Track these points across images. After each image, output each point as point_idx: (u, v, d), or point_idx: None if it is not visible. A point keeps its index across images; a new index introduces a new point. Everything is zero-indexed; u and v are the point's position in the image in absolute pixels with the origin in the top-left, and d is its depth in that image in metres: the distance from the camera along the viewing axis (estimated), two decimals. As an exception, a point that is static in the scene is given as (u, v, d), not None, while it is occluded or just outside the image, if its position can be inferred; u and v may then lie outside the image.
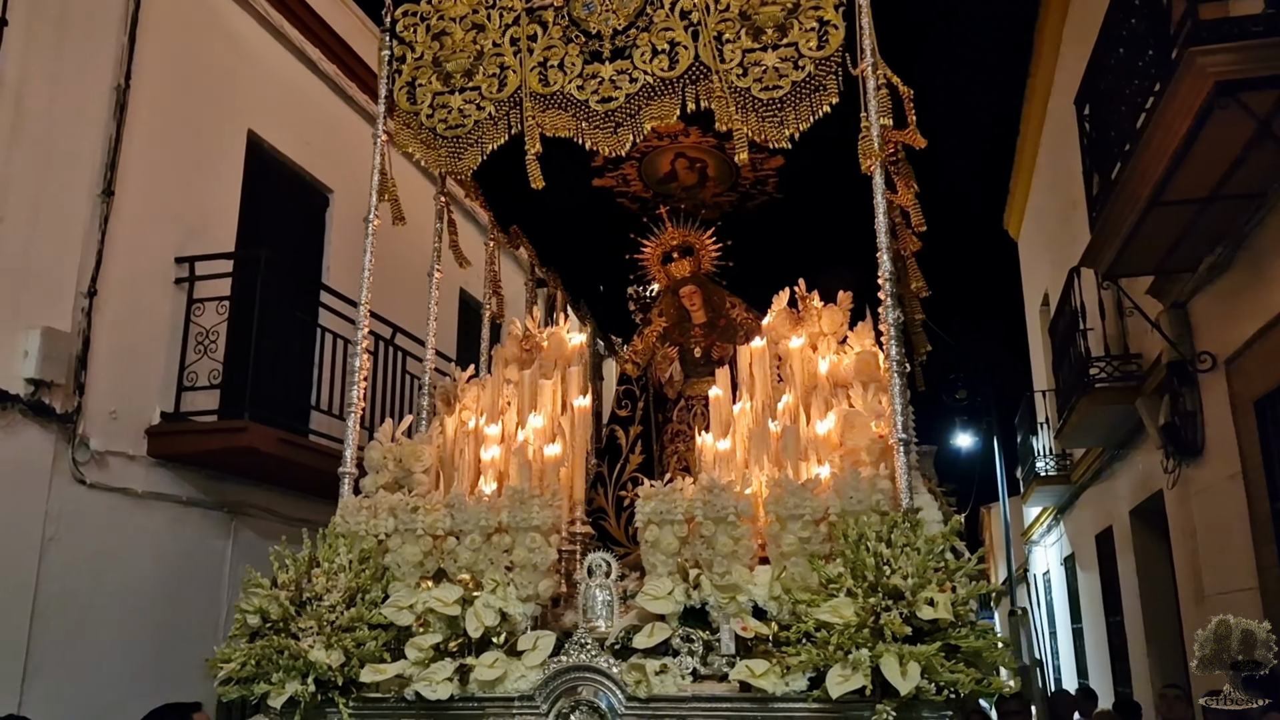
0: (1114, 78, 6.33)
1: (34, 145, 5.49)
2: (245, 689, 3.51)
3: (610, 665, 3.42)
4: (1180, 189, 5.53)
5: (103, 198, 5.88)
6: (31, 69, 5.46)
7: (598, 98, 4.13)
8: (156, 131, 6.34)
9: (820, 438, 4.04)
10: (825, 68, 3.97)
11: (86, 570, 5.64)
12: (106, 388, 5.84)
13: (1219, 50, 4.68)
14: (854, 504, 3.51)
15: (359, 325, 4.32)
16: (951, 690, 3.09)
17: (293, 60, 7.72)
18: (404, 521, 3.80)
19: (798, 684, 3.25)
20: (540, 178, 4.11)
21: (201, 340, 6.32)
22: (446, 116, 4.32)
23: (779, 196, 5.33)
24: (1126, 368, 8.41)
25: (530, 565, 3.70)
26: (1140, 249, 6.39)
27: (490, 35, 4.32)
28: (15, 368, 5.30)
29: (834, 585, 3.34)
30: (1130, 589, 9.80)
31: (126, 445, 5.97)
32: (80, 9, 5.87)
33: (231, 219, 6.94)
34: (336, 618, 3.56)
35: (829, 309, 4.68)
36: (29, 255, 5.44)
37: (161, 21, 6.42)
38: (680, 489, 3.72)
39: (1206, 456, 6.94)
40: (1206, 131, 4.95)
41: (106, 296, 5.86)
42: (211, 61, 6.88)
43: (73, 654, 5.52)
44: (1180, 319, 7.07)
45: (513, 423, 4.42)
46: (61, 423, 5.53)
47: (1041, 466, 12.69)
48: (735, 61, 4.03)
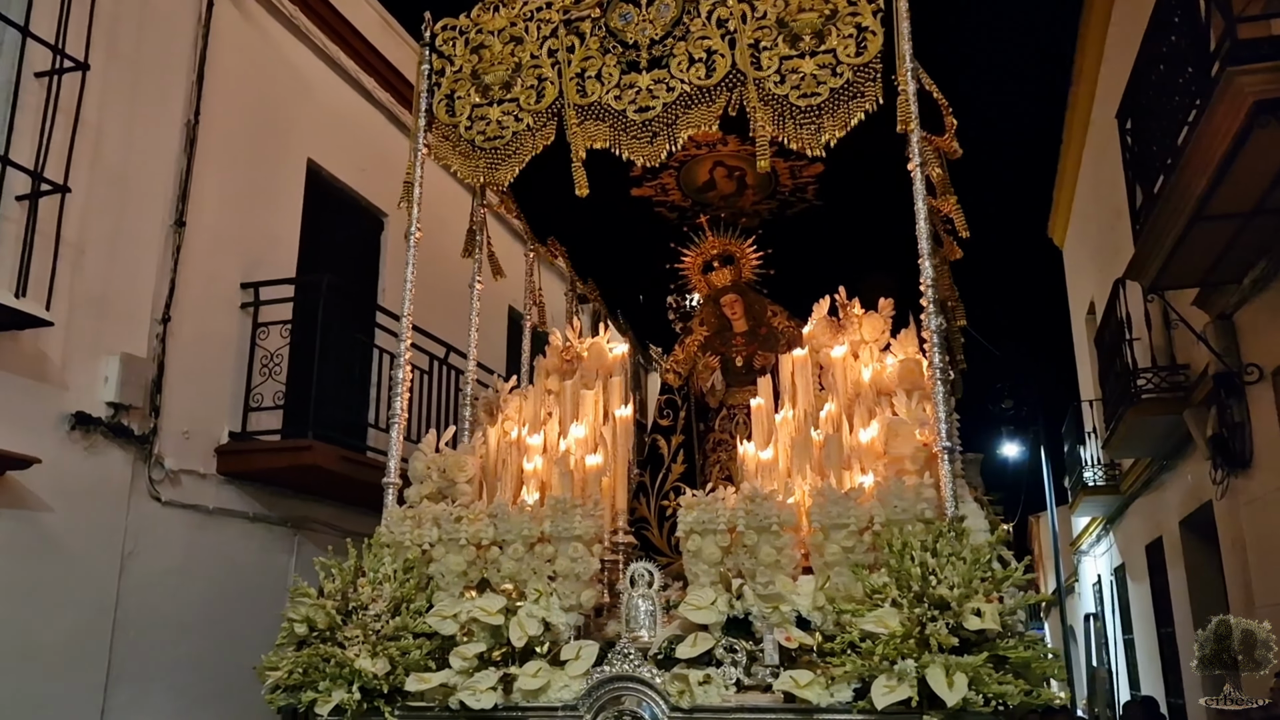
0: (1155, 93, 6.37)
1: (112, 181, 5.70)
2: (292, 696, 3.53)
3: (653, 675, 3.40)
4: (1222, 204, 5.50)
5: (175, 228, 6.09)
6: (109, 109, 5.67)
7: (635, 107, 4.11)
8: (223, 163, 6.53)
9: (863, 446, 3.98)
10: (864, 74, 3.91)
11: (162, 584, 5.80)
12: (179, 409, 6.02)
13: (1257, 70, 4.69)
14: (898, 513, 3.45)
15: (402, 337, 4.38)
16: (1000, 702, 3.01)
17: (348, 90, 7.89)
18: (448, 531, 3.80)
19: (843, 695, 3.21)
20: (585, 185, 4.08)
21: (266, 362, 6.49)
22: (485, 128, 4.33)
23: (819, 204, 5.27)
24: (1174, 379, 8.33)
25: (573, 575, 3.68)
26: (1184, 262, 6.36)
27: (528, 47, 4.33)
28: (97, 392, 5.52)
29: (879, 595, 3.29)
30: (1181, 600, 9.64)
31: (197, 464, 6.14)
32: (153, 50, 6.08)
33: (293, 244, 7.10)
34: (382, 627, 3.58)
35: (870, 316, 4.61)
36: (108, 285, 5.66)
37: (228, 58, 6.63)
38: (722, 498, 3.68)
39: (1255, 467, 6.86)
40: (1246, 149, 4.93)
41: (179, 322, 6.05)
42: (273, 94, 7.07)
43: (150, 664, 5.66)
44: (1227, 330, 7.03)
45: (554, 433, 4.40)
46: (139, 443, 5.73)
47: (1089, 476, 12.56)
48: (772, 69, 3.98)
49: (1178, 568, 9.71)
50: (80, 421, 5.41)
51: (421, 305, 4.69)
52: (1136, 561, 12.07)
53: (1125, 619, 13.55)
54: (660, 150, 4.09)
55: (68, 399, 5.39)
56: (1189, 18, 5.52)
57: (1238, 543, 7.47)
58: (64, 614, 5.26)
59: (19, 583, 5.05)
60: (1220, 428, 7.20)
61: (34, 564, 5.15)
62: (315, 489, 6.80)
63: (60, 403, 5.36)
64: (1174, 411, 8.13)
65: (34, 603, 5.11)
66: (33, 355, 5.21)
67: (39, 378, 5.25)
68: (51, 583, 5.22)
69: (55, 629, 5.21)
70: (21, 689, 5.01)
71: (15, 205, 5.13)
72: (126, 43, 5.86)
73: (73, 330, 5.40)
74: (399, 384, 4.29)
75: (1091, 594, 16.39)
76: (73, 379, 5.43)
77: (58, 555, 5.28)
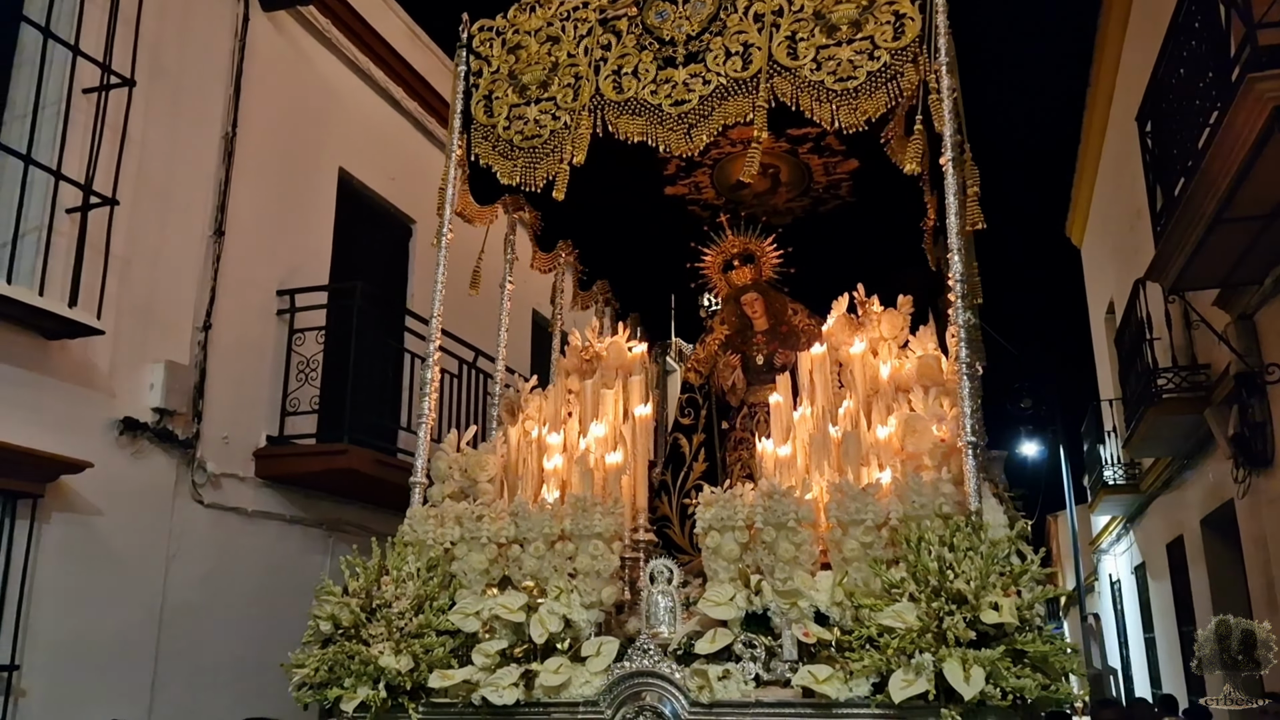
0: (1175, 97, 6.43)
1: (156, 193, 5.85)
2: (319, 694, 3.57)
3: (673, 671, 3.39)
4: (1242, 206, 5.48)
5: (214, 238, 6.24)
6: (152, 125, 5.82)
7: (671, 101, 4.10)
8: (259, 174, 6.67)
9: (881, 442, 3.95)
10: (902, 57, 3.87)
11: (203, 584, 5.93)
12: (219, 415, 6.16)
13: (1277, 76, 4.83)
14: (916, 508, 3.44)
15: (430, 339, 4.40)
16: (1018, 696, 2.99)
17: (378, 100, 8.00)
18: (469, 530, 3.82)
19: (861, 689, 3.19)
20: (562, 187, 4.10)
21: (302, 368, 6.61)
22: (523, 128, 4.34)
23: (852, 201, 5.22)
24: (1194, 378, 8.29)
25: (593, 572, 3.69)
26: (1205, 263, 6.33)
27: (565, 47, 4.34)
28: (143, 399, 5.68)
29: (896, 590, 3.28)
30: (1203, 599, 9.50)
31: (237, 468, 6.28)
32: (193, 67, 6.25)
33: (325, 252, 7.23)
34: (405, 624, 3.60)
35: (889, 313, 4.58)
36: (152, 294, 5.80)
37: (263, 72, 6.78)
38: (740, 495, 3.67)
39: (1277, 466, 6.79)
40: (1266, 153, 4.95)
41: (219, 330, 6.19)
42: (306, 105, 7.20)
43: (194, 661, 5.80)
44: (1248, 330, 7.00)
45: (574, 432, 4.40)
46: (182, 448, 5.88)
47: (1109, 475, 12.43)
48: (809, 58, 3.96)
49: (1199, 566, 9.64)
50: (128, 427, 5.57)
51: (450, 310, 4.75)
52: (1157, 560, 11.96)
53: (1146, 618, 13.49)
54: (698, 142, 4.08)
55: (116, 405, 5.54)
56: (1209, 23, 5.59)
57: (1259, 541, 7.45)
58: (113, 612, 5.41)
59: (71, 582, 5.20)
60: (1242, 427, 7.20)
61: (85, 564, 5.30)
62: (350, 491, 6.93)
63: (109, 409, 5.51)
64: (1195, 411, 8.09)
65: (85, 601, 5.26)
66: (82, 363, 5.37)
67: (89, 384, 5.40)
68: (101, 582, 5.37)
69: (104, 626, 5.35)
70: (73, 684, 5.15)
71: (65, 218, 5.27)
72: (168, 59, 6.02)
73: (120, 338, 5.55)
74: (428, 384, 4.30)
75: (1111, 592, 16.40)
76: (120, 386, 5.58)
77: (107, 556, 5.42)
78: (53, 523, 5.15)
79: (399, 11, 8.33)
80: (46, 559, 5.09)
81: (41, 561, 5.05)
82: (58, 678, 5.09)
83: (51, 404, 5.17)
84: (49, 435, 5.06)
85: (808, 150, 4.70)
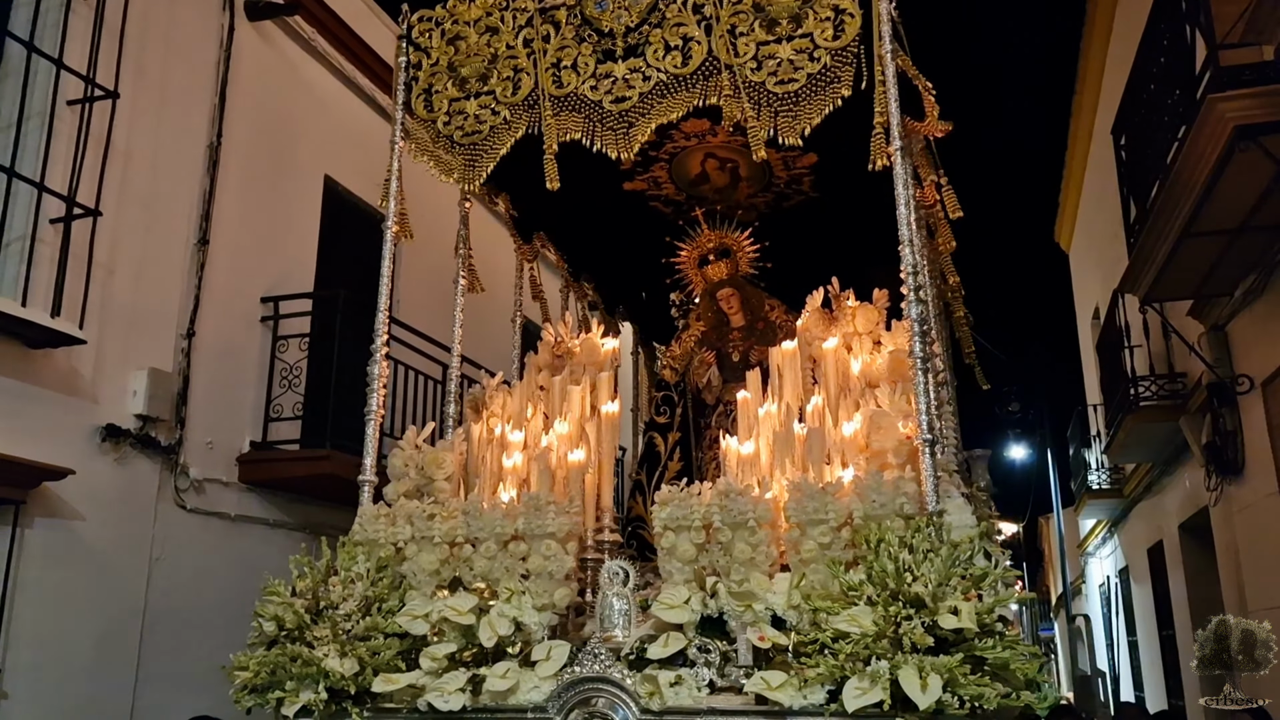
0: (1146, 112, 6.55)
1: (139, 204, 5.86)
2: (260, 697, 3.44)
3: (624, 676, 3.26)
4: (1210, 221, 5.52)
5: (198, 246, 6.25)
6: (136, 135, 5.83)
7: (611, 98, 3.96)
8: (244, 182, 6.67)
9: (847, 440, 3.79)
10: (841, 58, 3.75)
11: (187, 587, 5.91)
12: (203, 421, 6.17)
13: (1238, 96, 4.79)
14: (877, 508, 3.29)
15: (377, 332, 4.30)
16: (975, 704, 2.84)
17: (363, 106, 7.95)
18: (420, 529, 3.67)
19: (815, 697, 3.05)
20: (557, 178, 3.94)
21: (286, 375, 6.61)
22: (463, 123, 4.19)
23: (815, 195, 5.08)
24: (1172, 386, 8.39)
25: (546, 573, 3.54)
26: (1176, 275, 6.38)
27: (504, 38, 4.19)
28: (126, 406, 5.71)
29: (854, 593, 3.14)
30: (1180, 603, 9.55)
31: (220, 473, 6.29)
32: (178, 77, 6.25)
33: (310, 259, 7.20)
34: (352, 626, 3.47)
35: (863, 308, 4.43)
36: (135, 302, 5.82)
37: (247, 81, 6.77)
38: (698, 494, 3.52)
39: (1247, 475, 6.87)
40: (1229, 171, 5.00)
41: (203, 337, 6.19)
42: (291, 113, 7.18)
43: (177, 664, 5.77)
44: (1220, 341, 7.03)
45: (539, 429, 4.26)
46: (165, 454, 5.90)
47: (1094, 480, 12.43)
48: (749, 55, 3.84)
49: (1177, 571, 9.67)
50: (110, 434, 5.60)
51: (436, 316, 4.83)
52: (1139, 564, 11.98)
53: (1130, 621, 13.55)
54: (635, 143, 3.94)
55: (98, 412, 5.58)
56: (1176, 41, 5.69)
57: (1231, 548, 7.49)
58: (96, 616, 5.44)
59: (54, 587, 5.23)
60: (1214, 436, 7.29)
61: (68, 570, 5.32)
62: (332, 496, 6.92)
63: (91, 416, 5.55)
64: (1172, 419, 8.16)
65: (68, 606, 5.29)
66: (65, 371, 5.40)
67: (71, 392, 5.43)
68: (84, 587, 5.40)
69: (88, 631, 5.39)
70: (56, 688, 5.18)
71: (49, 228, 5.29)
72: (153, 69, 6.02)
73: (103, 346, 5.57)
74: (374, 380, 4.20)
75: (1098, 595, 16.52)
76: (103, 393, 5.61)
77: (90, 561, 5.45)
78: (35, 528, 5.17)
79: (384, 18, 8.38)
80: (29, 564, 5.12)
81: (24, 567, 5.09)
82: (40, 680, 5.12)
83: (34, 412, 5.20)
84: (31, 443, 5.10)
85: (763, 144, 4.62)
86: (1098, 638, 16.50)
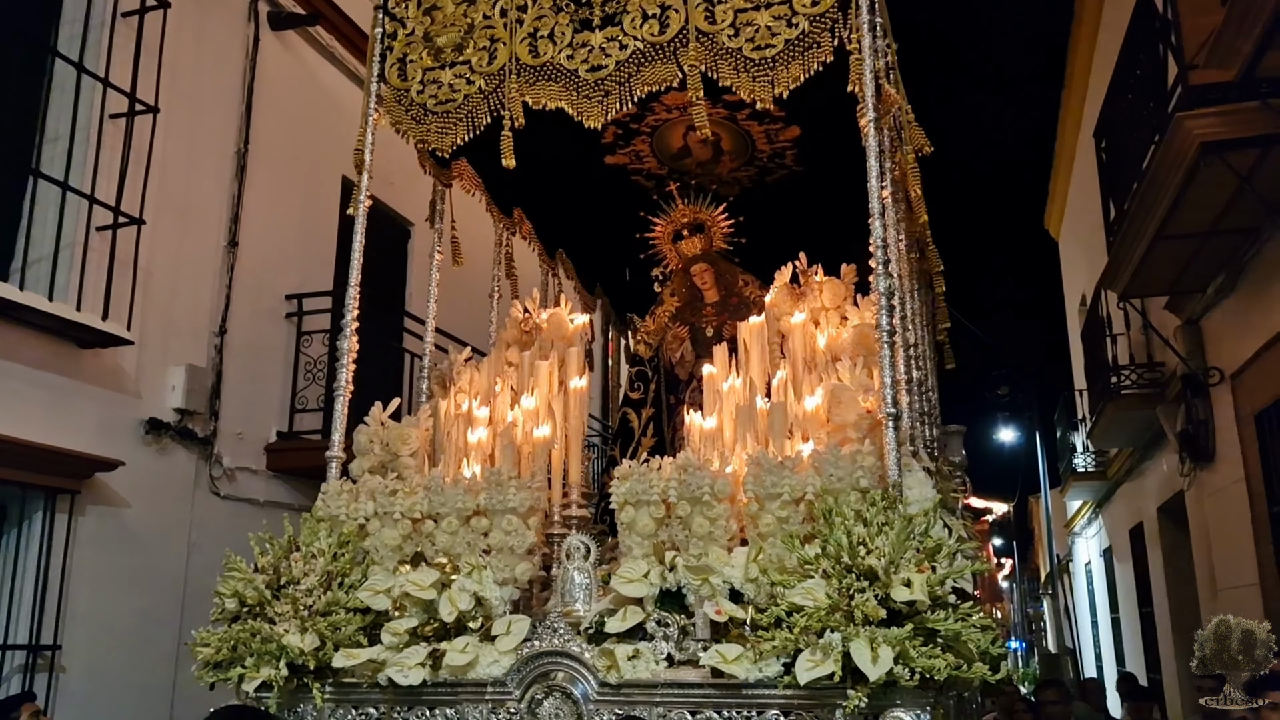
0: (1125, 118, 6.95)
1: (176, 210, 6.06)
2: (222, 673, 3.38)
3: (583, 650, 3.18)
4: (1181, 225, 5.74)
5: (229, 249, 6.47)
6: (172, 145, 6.00)
7: (587, 66, 3.80)
8: (269, 186, 6.82)
9: (809, 414, 3.65)
10: (820, 24, 3.59)
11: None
12: (234, 413, 6.38)
13: (1204, 115, 5.02)
14: (834, 481, 3.18)
15: (347, 308, 4.13)
16: (927, 676, 2.75)
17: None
18: (383, 505, 3.58)
19: (771, 669, 2.96)
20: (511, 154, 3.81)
21: (309, 368, 6.80)
22: (437, 92, 4.06)
23: (799, 169, 4.88)
24: (1150, 375, 8.62)
25: (507, 548, 3.44)
26: (1152, 273, 6.61)
27: (480, 8, 4.03)
28: (165, 400, 5.96)
29: (810, 566, 3.04)
30: (1159, 582, 9.76)
31: (250, 461, 6.51)
32: (209, 87, 6.41)
33: (331, 257, 7.32)
34: (313, 602, 3.38)
35: (830, 282, 4.26)
36: (173, 303, 6.03)
37: (272, 88, 6.90)
38: (657, 468, 3.40)
39: (1217, 462, 7.10)
40: (1197, 180, 5.25)
41: (233, 334, 6.38)
42: (311, 117, 7.26)
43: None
44: (1194, 335, 7.26)
45: (506, 405, 4.10)
46: (201, 445, 6.14)
47: (1080, 462, 12.42)
48: (727, 22, 3.67)
49: (1156, 551, 9.85)
50: (152, 427, 5.86)
51: (444, 307, 4.66)
52: (1122, 544, 12.08)
53: (1113, 598, 13.65)
54: (610, 109, 3.78)
55: (141, 407, 5.83)
56: (1151, 56, 6.07)
57: (1204, 530, 7.72)
58: (140, 597, 5.68)
59: (105, 571, 5.49)
60: (1188, 424, 7.68)
61: (116, 554, 5.56)
62: (353, 482, 7.42)
63: (135, 410, 5.80)
64: (1150, 407, 8.37)
65: (116, 587, 5.55)
66: (113, 369, 5.64)
67: (118, 389, 5.68)
68: (130, 570, 5.64)
69: (134, 610, 5.63)
70: (105, 660, 5.44)
71: (96, 235, 5.53)
72: (185, 82, 6.18)
73: (145, 345, 5.78)
74: (344, 355, 4.07)
75: (1084, 574, 17.05)
76: (145, 389, 5.84)
77: (135, 546, 5.70)
78: (88, 515, 5.43)
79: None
80: (83, 549, 5.37)
81: (78, 551, 5.35)
82: (93, 655, 5.38)
83: (86, 408, 5.43)
84: (84, 436, 5.37)
85: (746, 117, 4.42)
86: (1082, 615, 17.06)
